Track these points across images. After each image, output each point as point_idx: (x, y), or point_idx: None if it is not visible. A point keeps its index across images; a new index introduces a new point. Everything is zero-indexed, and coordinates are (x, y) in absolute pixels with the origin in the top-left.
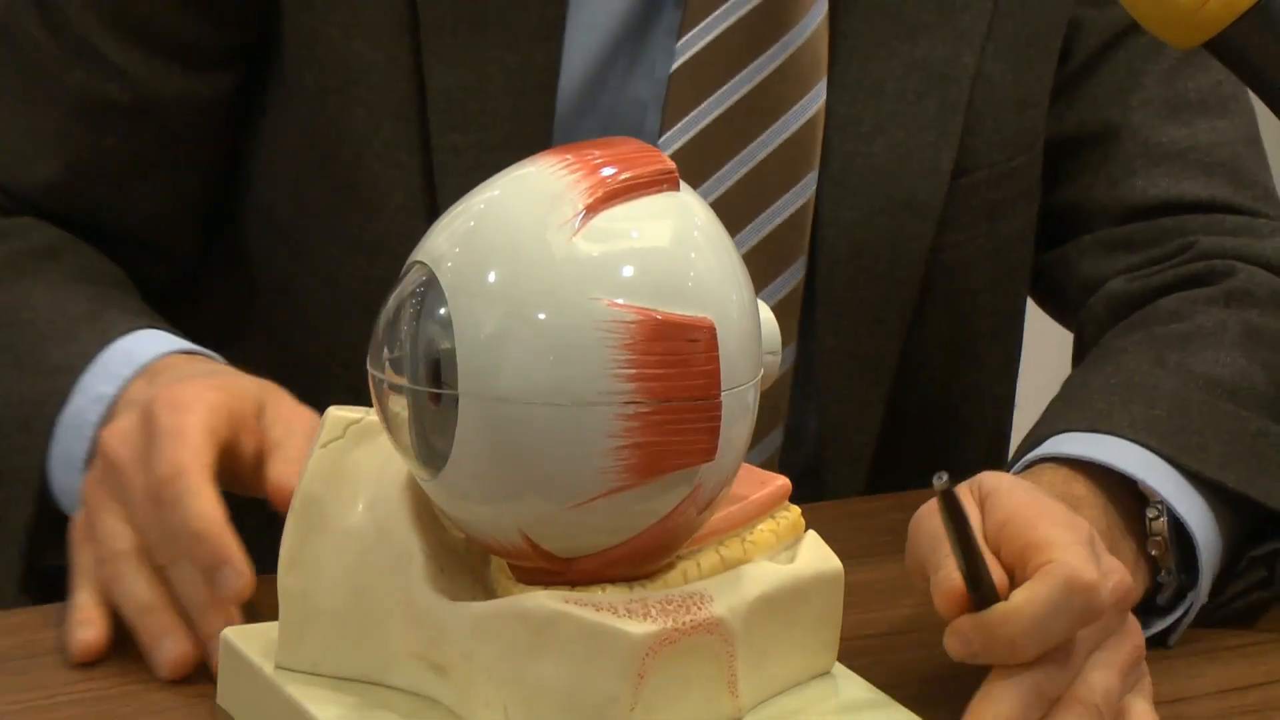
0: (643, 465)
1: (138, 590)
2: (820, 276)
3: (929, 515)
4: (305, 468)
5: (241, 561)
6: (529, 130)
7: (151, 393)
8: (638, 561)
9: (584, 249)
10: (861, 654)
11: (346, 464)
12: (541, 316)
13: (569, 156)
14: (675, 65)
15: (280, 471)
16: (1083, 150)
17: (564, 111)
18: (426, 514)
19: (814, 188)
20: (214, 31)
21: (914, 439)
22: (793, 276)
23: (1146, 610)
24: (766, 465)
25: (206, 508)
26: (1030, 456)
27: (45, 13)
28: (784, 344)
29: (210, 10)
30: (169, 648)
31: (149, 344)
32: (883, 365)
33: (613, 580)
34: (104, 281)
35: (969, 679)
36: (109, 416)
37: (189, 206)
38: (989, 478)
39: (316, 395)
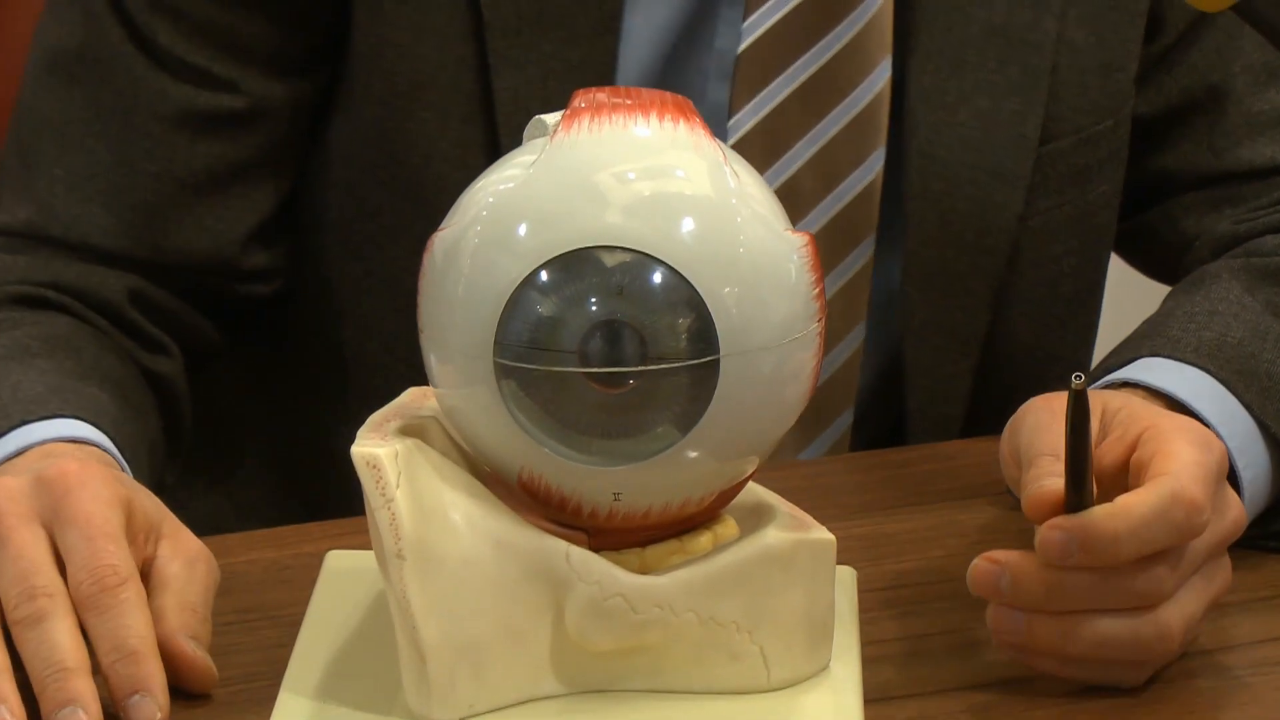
0: (813, 384)
1: None
2: (909, 249)
3: (1034, 409)
4: (391, 518)
5: None
6: None
7: (39, 466)
8: (724, 504)
9: (749, 189)
10: (893, 604)
11: (423, 494)
12: (760, 258)
13: (654, 110)
14: (743, 46)
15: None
16: (1186, 118)
17: None
18: (514, 503)
19: (881, 164)
20: (293, 38)
21: (1000, 409)
22: (862, 254)
23: None
24: (837, 446)
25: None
26: (1109, 379)
27: (138, 41)
28: (853, 323)
29: (288, 18)
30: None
31: (49, 429)
32: (971, 337)
33: (662, 539)
34: (91, 377)
35: None
36: None
37: (275, 217)
38: (1118, 397)
39: (372, 390)
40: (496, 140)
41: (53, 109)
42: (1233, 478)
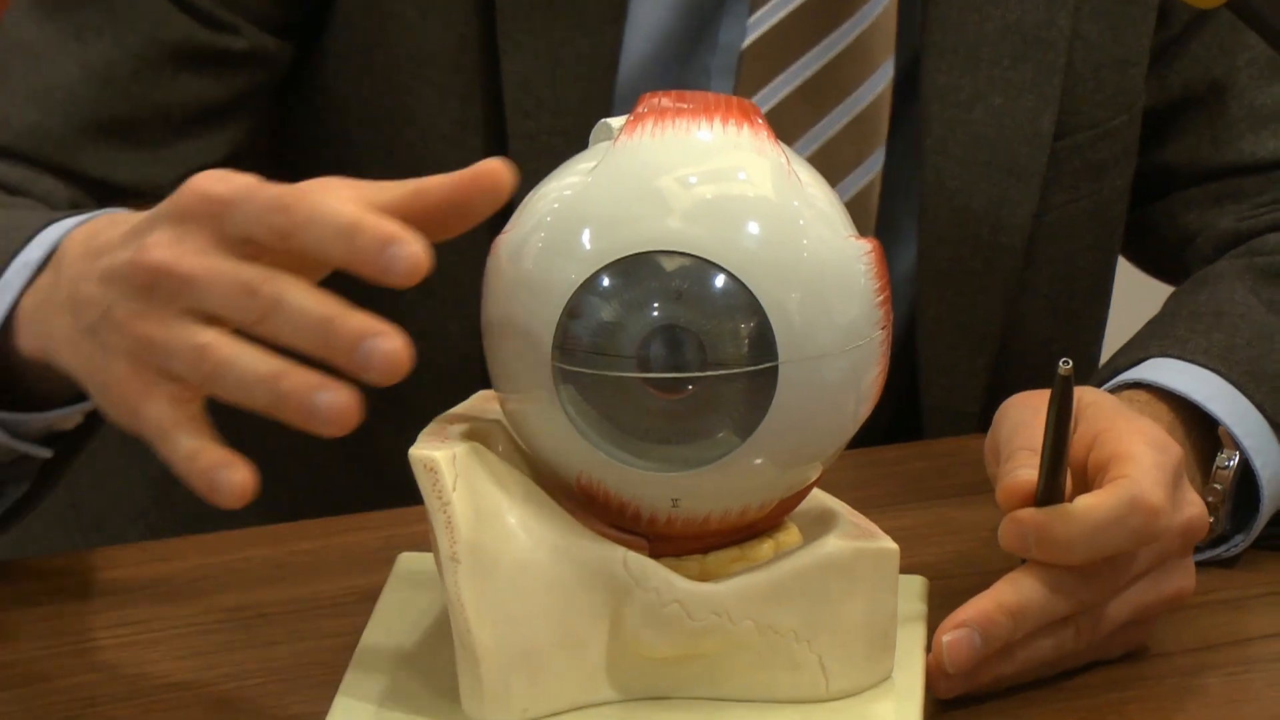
0: (878, 392)
1: (260, 362)
2: (924, 247)
3: (1016, 406)
4: (447, 521)
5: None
6: (595, 114)
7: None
8: (785, 512)
9: (812, 193)
10: None
11: (480, 498)
12: (823, 263)
13: (718, 114)
14: (748, 41)
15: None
16: (1188, 110)
17: (626, 90)
18: (574, 509)
19: (881, 163)
20: (285, 4)
21: None
22: None
23: None
24: None
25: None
26: (1119, 380)
27: None
28: None
29: None
30: (331, 397)
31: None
32: (986, 334)
33: (723, 546)
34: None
35: None
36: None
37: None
38: (1089, 392)
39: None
40: (502, 121)
41: (30, 32)
42: (1250, 479)
